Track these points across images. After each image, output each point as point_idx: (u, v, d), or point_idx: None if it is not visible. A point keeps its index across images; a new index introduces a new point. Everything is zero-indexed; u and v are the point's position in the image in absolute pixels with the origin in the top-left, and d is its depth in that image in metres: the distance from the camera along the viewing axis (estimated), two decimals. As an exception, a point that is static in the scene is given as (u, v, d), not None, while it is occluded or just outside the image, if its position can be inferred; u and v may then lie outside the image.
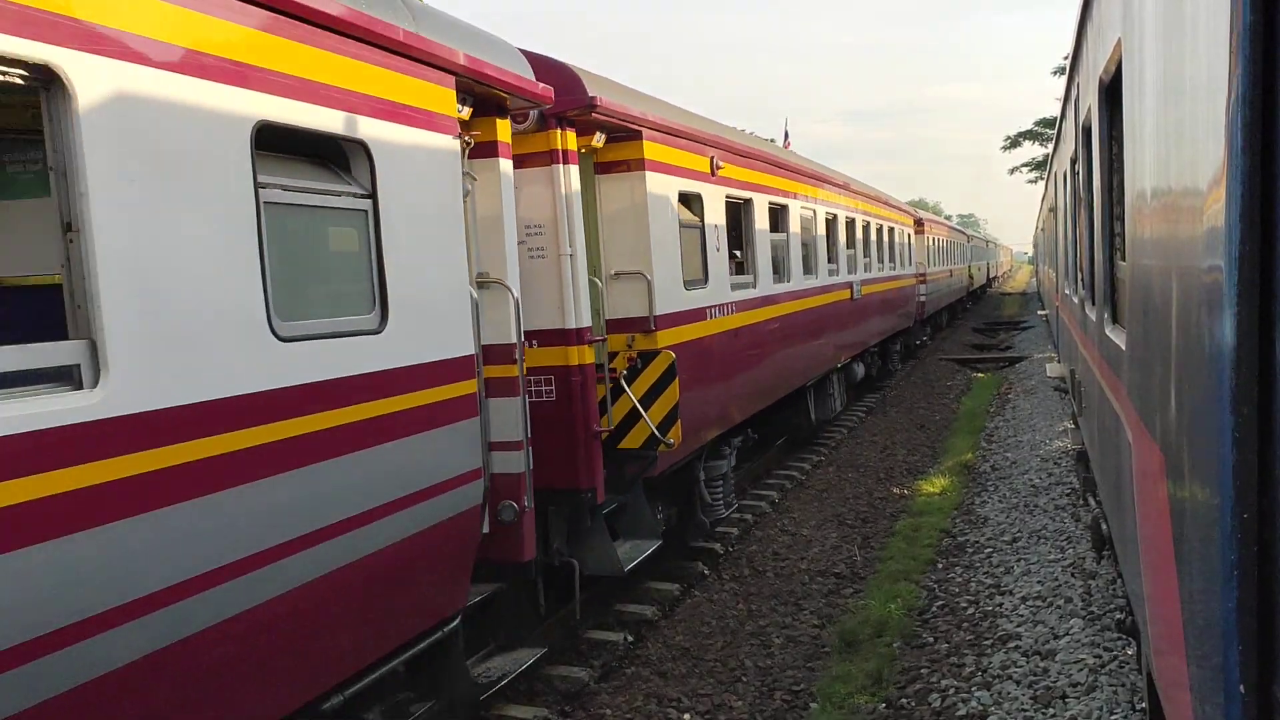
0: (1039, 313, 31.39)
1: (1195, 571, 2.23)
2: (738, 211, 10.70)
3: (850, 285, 16.18)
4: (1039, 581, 8.23)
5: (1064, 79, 8.56)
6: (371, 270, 4.63)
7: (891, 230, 21.44)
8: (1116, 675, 6.19)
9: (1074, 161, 7.55)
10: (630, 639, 7.65)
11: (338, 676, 4.50)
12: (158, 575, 3.39)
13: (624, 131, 7.77)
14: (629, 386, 7.74)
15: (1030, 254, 77.49)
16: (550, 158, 6.94)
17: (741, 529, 10.60)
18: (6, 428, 2.88)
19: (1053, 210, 14.17)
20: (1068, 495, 10.92)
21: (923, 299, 26.70)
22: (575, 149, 7.16)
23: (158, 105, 3.46)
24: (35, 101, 3.31)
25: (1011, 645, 6.97)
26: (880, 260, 19.81)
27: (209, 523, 3.58)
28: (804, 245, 13.21)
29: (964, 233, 45.95)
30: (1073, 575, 8.20)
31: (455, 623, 5.41)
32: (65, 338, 3.20)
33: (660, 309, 8.04)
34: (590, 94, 7.01)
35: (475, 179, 5.90)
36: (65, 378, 3.15)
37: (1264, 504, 1.77)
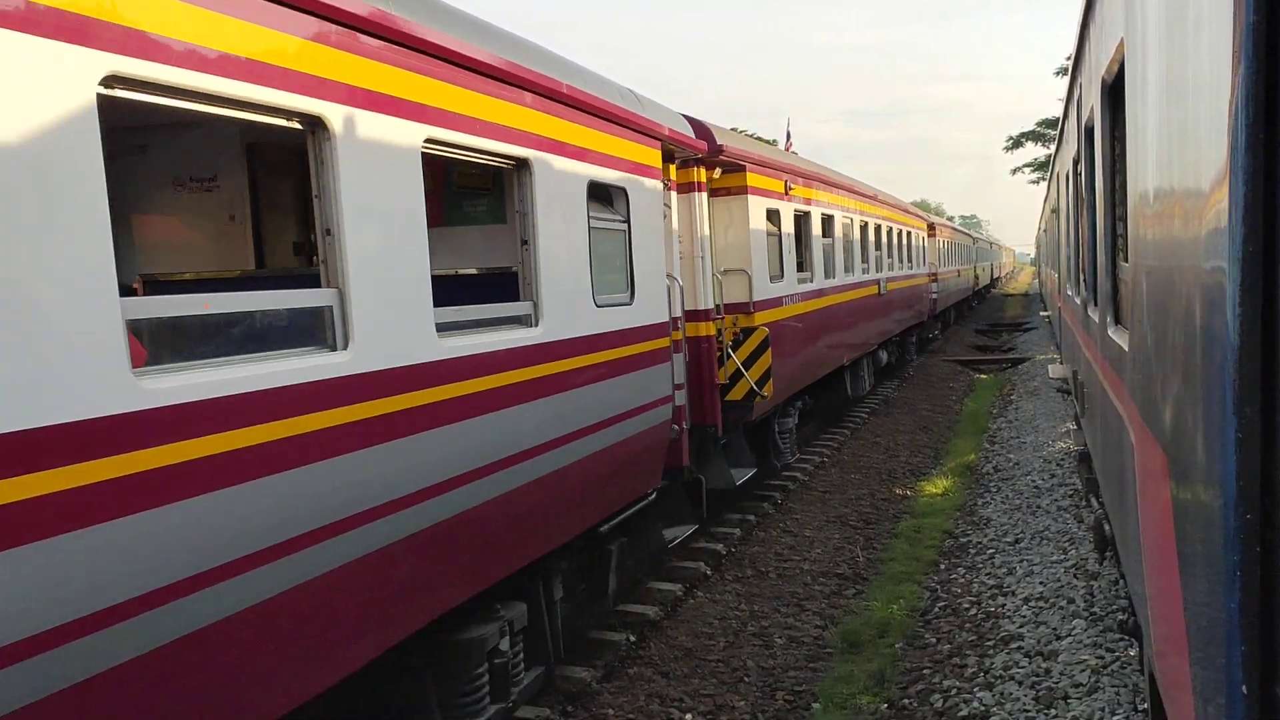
0: (1041, 314, 31.40)
1: (1198, 572, 2.22)
2: (799, 221, 13.17)
3: (878, 282, 18.51)
4: (1041, 582, 8.23)
5: (1066, 79, 8.57)
6: (627, 267, 7.26)
7: (909, 234, 23.62)
8: (1119, 676, 6.18)
9: (1076, 162, 7.54)
10: (633, 639, 7.65)
11: (603, 515, 7.02)
12: (505, 447, 5.40)
13: (734, 166, 10.44)
14: (734, 353, 10.24)
15: (1032, 255, 77.49)
16: (691, 188, 9.66)
17: (744, 529, 10.60)
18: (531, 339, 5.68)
19: (1055, 211, 14.16)
20: (1070, 496, 10.91)
21: (934, 296, 28.20)
22: (705, 180, 9.84)
23: (557, 172, 6.10)
24: (483, 165, 5.74)
25: (1014, 646, 6.96)
26: (900, 261, 21.98)
27: (550, 411, 5.88)
28: (845, 248, 15.71)
29: (969, 234, 46.16)
30: (1075, 576, 8.20)
31: (652, 496, 7.91)
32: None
33: (756, 296, 10.75)
34: (719, 143, 9.74)
35: (668, 207, 8.66)
36: (522, 322, 5.73)
37: (1266, 505, 1.77)
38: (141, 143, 6.23)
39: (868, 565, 9.59)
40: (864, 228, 17.54)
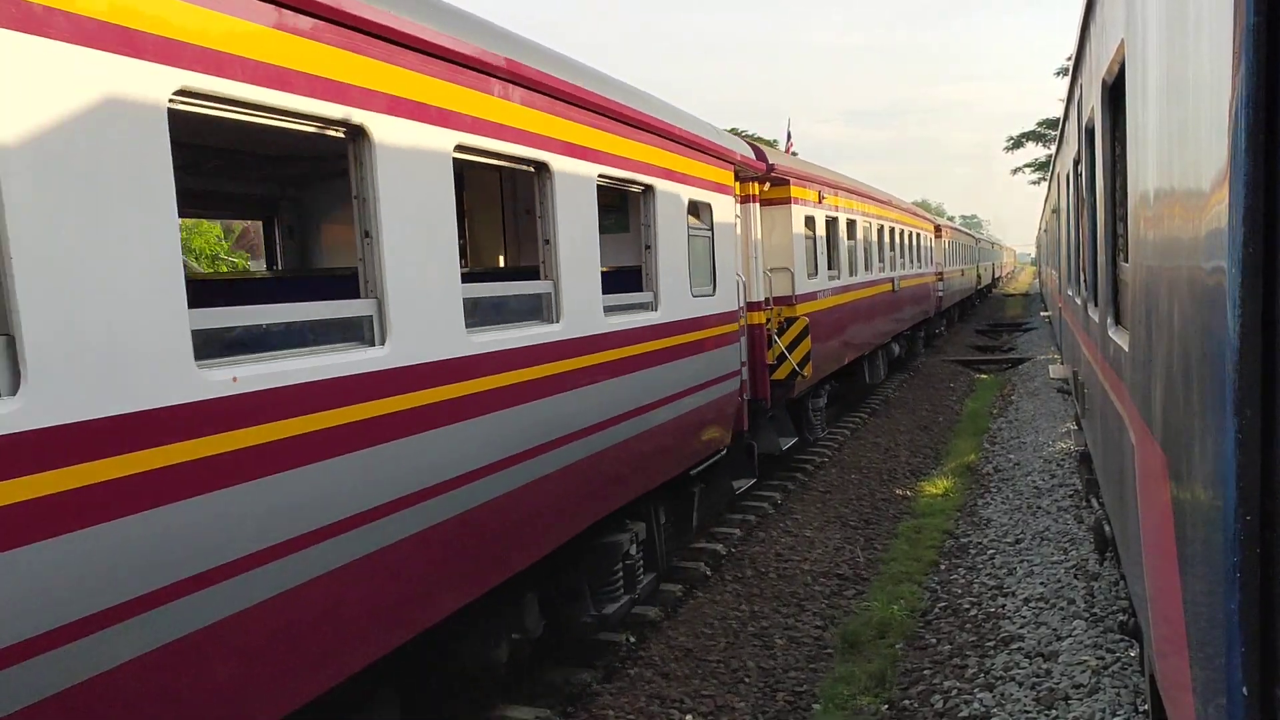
0: (1041, 314, 31.40)
1: (1198, 573, 2.22)
2: (829, 225, 14.89)
3: (892, 280, 20.32)
4: (1042, 583, 8.23)
5: (1067, 80, 8.57)
6: (711, 266, 9.01)
7: (918, 235, 25.22)
8: (1119, 677, 6.18)
9: (1077, 162, 7.54)
10: (633, 640, 7.64)
11: (689, 464, 8.58)
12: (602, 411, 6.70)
13: (781, 181, 12.31)
14: (779, 338, 12.08)
15: (1033, 255, 77.45)
16: (747, 199, 11.67)
17: (744, 530, 10.60)
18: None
19: (1055, 211, 14.16)
20: (1070, 497, 10.91)
21: (940, 294, 29.57)
22: (758, 193, 11.87)
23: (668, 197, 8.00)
24: (619, 190, 7.53)
25: (1014, 647, 6.96)
26: (911, 261, 23.69)
27: (669, 375, 7.77)
28: (865, 248, 17.44)
29: (971, 235, 46.37)
30: (1075, 577, 8.19)
31: (724, 451, 9.63)
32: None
33: (798, 290, 12.64)
34: (771, 162, 11.73)
35: (738, 217, 10.78)
36: (646, 307, 7.56)
37: (1267, 506, 1.77)
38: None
39: (868, 565, 9.59)
40: (880, 230, 19.26)
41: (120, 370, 3.10)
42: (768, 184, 12.01)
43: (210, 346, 3.56)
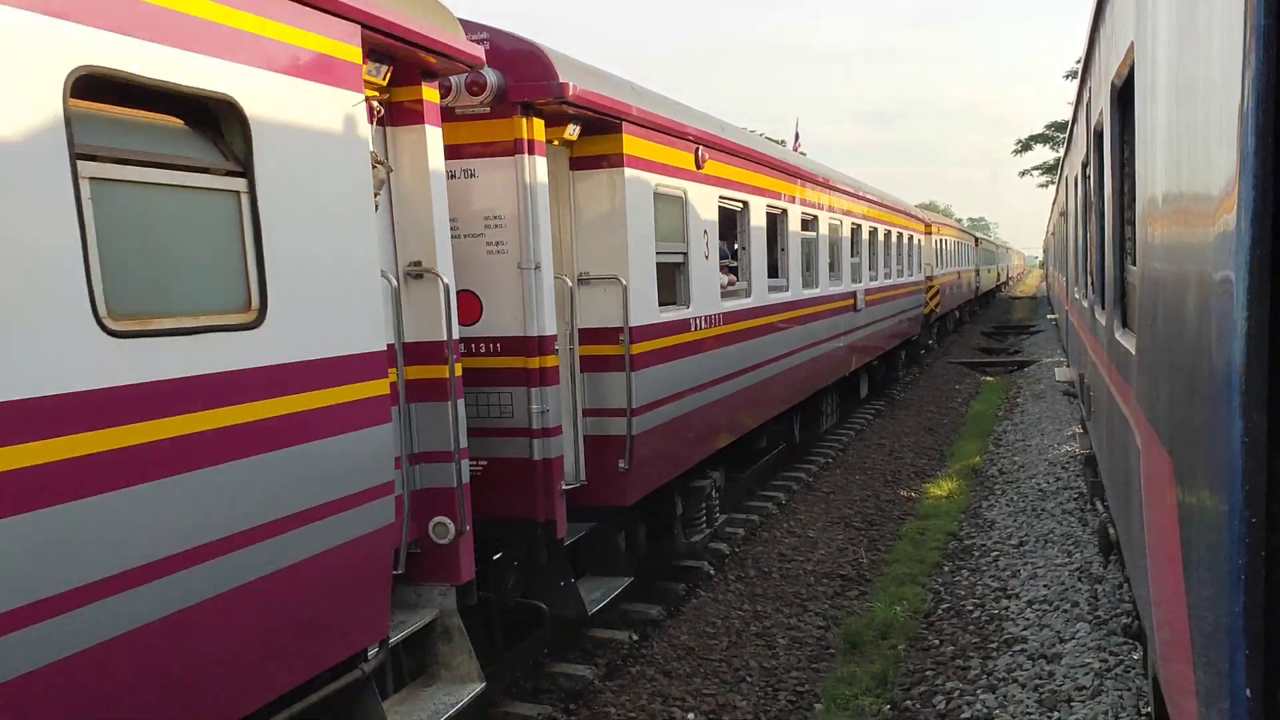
0: (1048, 317, 31.32)
1: (1203, 576, 2.22)
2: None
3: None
4: (1046, 585, 8.21)
5: (1076, 83, 8.55)
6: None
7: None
8: (1122, 680, 6.17)
9: (1085, 165, 7.53)
10: (635, 638, 7.65)
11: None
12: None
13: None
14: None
15: (1041, 258, 77.23)
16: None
17: (747, 529, 10.60)
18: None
19: (1063, 214, 14.13)
20: (1075, 499, 10.89)
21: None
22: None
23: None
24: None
25: (1017, 648, 6.96)
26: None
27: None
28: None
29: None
30: (1080, 579, 8.18)
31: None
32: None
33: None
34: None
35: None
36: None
37: (1272, 509, 1.77)
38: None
39: (871, 566, 9.58)
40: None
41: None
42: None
43: None
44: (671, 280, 8.26)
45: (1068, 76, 50.33)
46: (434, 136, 5.29)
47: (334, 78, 4.26)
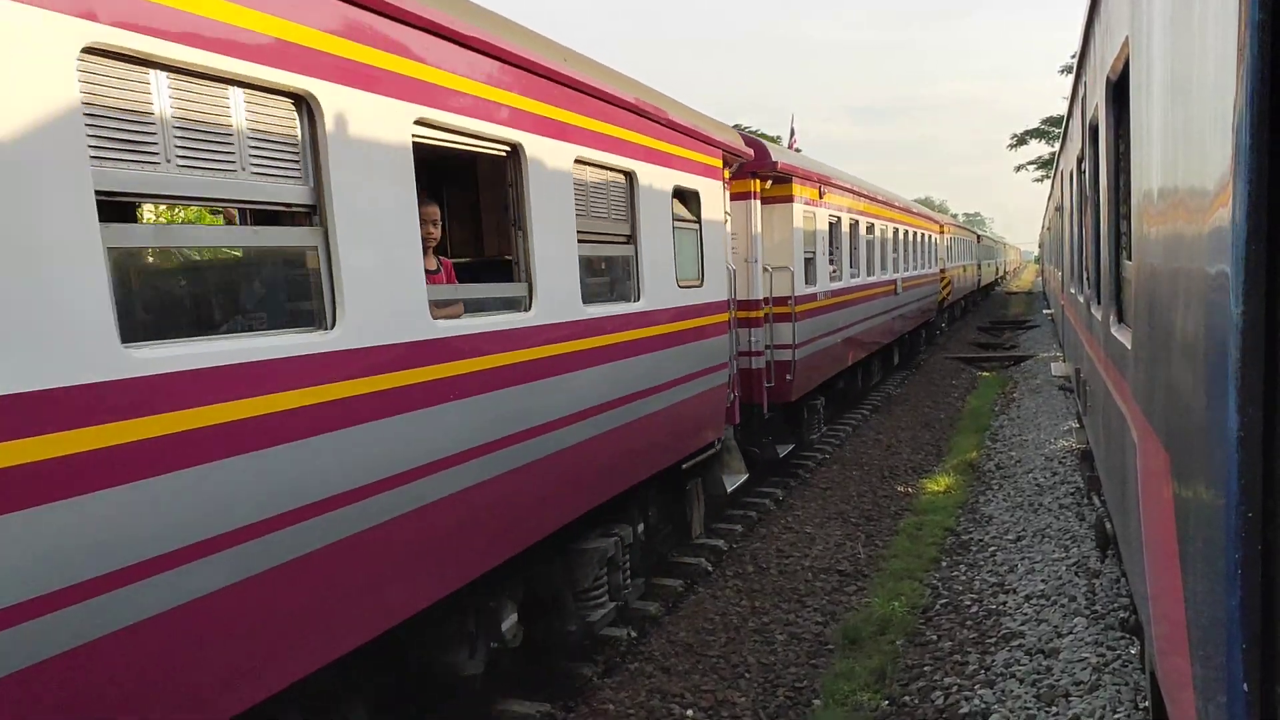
0: (1044, 311, 31.37)
1: (1199, 570, 2.23)
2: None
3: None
4: (1043, 580, 8.23)
5: (1071, 77, 8.55)
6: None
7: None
8: (1120, 674, 6.18)
9: (1080, 160, 7.53)
10: (634, 634, 7.66)
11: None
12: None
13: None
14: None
15: (1037, 253, 77.37)
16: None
17: (745, 525, 10.60)
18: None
19: (1059, 209, 14.15)
20: (1072, 494, 10.91)
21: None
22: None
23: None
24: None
25: (1015, 643, 6.97)
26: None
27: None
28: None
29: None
30: (1077, 574, 8.20)
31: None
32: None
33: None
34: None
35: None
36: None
37: (1268, 504, 1.77)
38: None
39: (869, 562, 9.59)
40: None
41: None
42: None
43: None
44: (810, 269, 13.36)
45: (1063, 71, 50.35)
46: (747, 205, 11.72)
47: (717, 174, 9.23)
